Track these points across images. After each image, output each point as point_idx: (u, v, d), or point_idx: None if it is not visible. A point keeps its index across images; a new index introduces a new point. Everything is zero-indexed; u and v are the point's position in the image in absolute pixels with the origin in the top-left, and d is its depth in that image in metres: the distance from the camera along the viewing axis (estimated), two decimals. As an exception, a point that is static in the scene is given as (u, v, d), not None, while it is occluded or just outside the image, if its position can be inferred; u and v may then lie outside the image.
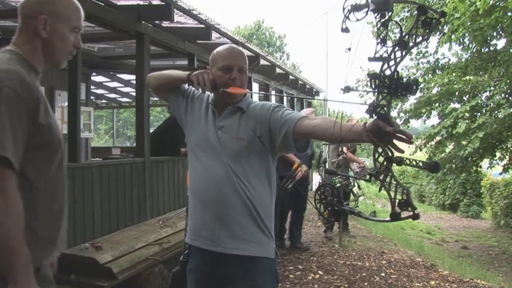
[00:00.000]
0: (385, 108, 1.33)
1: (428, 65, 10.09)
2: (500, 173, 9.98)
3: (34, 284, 1.26)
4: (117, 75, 9.36)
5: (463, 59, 9.34)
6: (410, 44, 1.32)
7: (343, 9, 1.36)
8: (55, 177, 1.42)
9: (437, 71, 9.68)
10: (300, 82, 10.78)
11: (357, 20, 1.36)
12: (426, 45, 10.02)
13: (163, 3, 4.59)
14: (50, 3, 1.42)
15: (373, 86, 1.32)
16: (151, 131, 5.39)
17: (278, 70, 8.68)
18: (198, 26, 5.42)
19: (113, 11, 4.40)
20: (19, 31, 1.44)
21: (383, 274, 4.77)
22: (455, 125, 7.49)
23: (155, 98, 10.68)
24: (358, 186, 6.61)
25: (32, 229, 1.31)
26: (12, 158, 1.22)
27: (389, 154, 1.36)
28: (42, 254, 1.38)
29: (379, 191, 1.39)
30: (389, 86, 1.29)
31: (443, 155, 8.51)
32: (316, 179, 10.24)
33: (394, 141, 1.34)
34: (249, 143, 1.77)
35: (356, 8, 1.34)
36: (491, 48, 8.80)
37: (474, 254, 9.34)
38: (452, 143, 8.47)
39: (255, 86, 9.01)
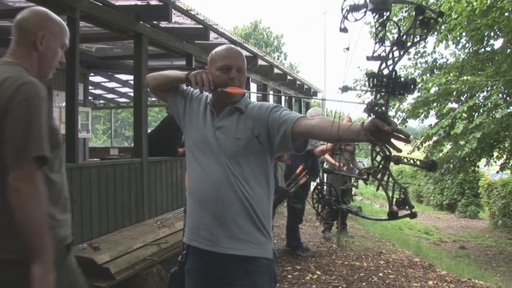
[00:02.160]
0: (382, 108, 1.33)
1: (426, 65, 10.11)
2: (497, 172, 9.99)
3: (52, 264, 1.48)
4: (115, 75, 9.35)
5: (461, 59, 9.37)
6: (408, 43, 1.33)
7: (342, 9, 1.37)
8: (61, 170, 1.66)
9: (435, 70, 9.70)
10: (298, 82, 10.79)
11: (356, 20, 1.36)
12: (424, 45, 10.06)
13: (161, 3, 4.59)
14: (48, 21, 1.63)
15: (371, 85, 1.32)
16: (149, 131, 5.39)
17: (276, 70, 8.69)
18: (196, 26, 5.42)
19: (111, 11, 4.40)
20: (16, 44, 1.61)
21: (381, 274, 4.78)
22: (452, 125, 7.50)
23: (153, 98, 10.69)
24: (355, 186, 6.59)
25: (52, 215, 1.56)
26: (48, 156, 1.48)
27: (387, 153, 1.36)
28: (66, 232, 1.65)
29: (377, 189, 1.39)
30: (387, 85, 1.30)
31: (440, 154, 8.52)
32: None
33: (392, 140, 1.35)
34: (247, 143, 1.77)
35: (354, 8, 1.35)
36: (488, 48, 8.84)
37: (472, 254, 9.36)
38: (450, 143, 8.49)
39: (253, 86, 9.02)
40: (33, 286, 1.42)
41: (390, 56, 1.31)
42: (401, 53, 1.31)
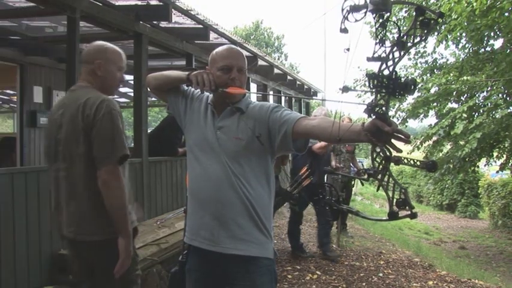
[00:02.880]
0: (383, 108, 1.34)
1: (426, 65, 10.11)
2: (497, 172, 9.98)
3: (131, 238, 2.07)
4: (115, 75, 9.34)
5: (461, 59, 9.37)
6: (409, 44, 1.33)
7: (342, 9, 1.37)
8: (125, 174, 2.08)
9: (435, 70, 9.70)
10: (298, 82, 10.79)
11: (356, 20, 1.36)
12: (424, 45, 10.06)
13: (161, 3, 4.59)
14: (102, 51, 2.11)
15: (371, 86, 1.32)
16: (149, 131, 5.39)
17: (276, 70, 8.69)
18: (196, 26, 5.42)
19: (111, 11, 4.40)
20: (84, 72, 2.12)
21: (381, 274, 4.78)
22: (452, 125, 7.50)
23: (153, 98, 10.67)
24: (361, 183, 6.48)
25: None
26: (128, 154, 2.02)
27: (388, 153, 1.36)
28: (134, 218, 2.14)
29: (377, 190, 1.40)
30: (387, 86, 1.30)
31: (440, 154, 8.52)
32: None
33: (392, 140, 1.35)
34: (248, 143, 1.77)
35: (355, 8, 1.35)
36: (488, 49, 8.84)
37: (472, 254, 9.37)
38: (450, 143, 8.49)
39: (253, 86, 9.02)
40: (120, 253, 1.95)
41: (390, 56, 1.31)
42: (402, 53, 1.31)
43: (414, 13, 1.31)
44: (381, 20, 1.33)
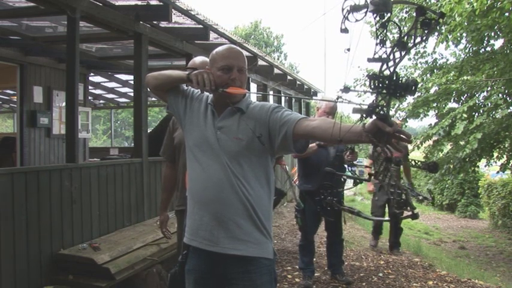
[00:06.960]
0: (384, 109, 1.33)
1: (426, 65, 10.10)
2: (498, 172, 9.95)
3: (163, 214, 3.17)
4: (115, 75, 9.35)
5: (461, 59, 9.36)
6: (409, 44, 1.32)
7: (342, 9, 1.36)
8: (179, 171, 2.97)
9: (435, 70, 9.69)
10: (298, 82, 10.79)
11: (356, 20, 1.36)
12: (424, 45, 10.05)
13: (161, 3, 4.59)
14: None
15: (372, 87, 1.32)
16: (149, 131, 5.38)
17: (276, 70, 8.69)
18: (196, 26, 5.42)
19: (111, 11, 4.40)
20: None
21: (381, 274, 4.78)
22: (452, 124, 7.49)
23: (153, 98, 10.69)
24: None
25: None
26: (161, 155, 3.24)
27: (389, 154, 1.36)
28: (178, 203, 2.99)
29: (379, 191, 1.39)
30: (388, 87, 1.29)
31: (440, 154, 8.50)
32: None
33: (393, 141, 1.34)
34: (248, 143, 1.77)
35: (355, 8, 1.34)
36: (488, 49, 8.83)
37: (472, 254, 9.36)
38: (450, 143, 8.47)
39: (253, 86, 9.02)
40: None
41: (391, 57, 1.31)
42: (403, 54, 1.31)
43: (415, 13, 1.30)
44: (381, 21, 1.33)
